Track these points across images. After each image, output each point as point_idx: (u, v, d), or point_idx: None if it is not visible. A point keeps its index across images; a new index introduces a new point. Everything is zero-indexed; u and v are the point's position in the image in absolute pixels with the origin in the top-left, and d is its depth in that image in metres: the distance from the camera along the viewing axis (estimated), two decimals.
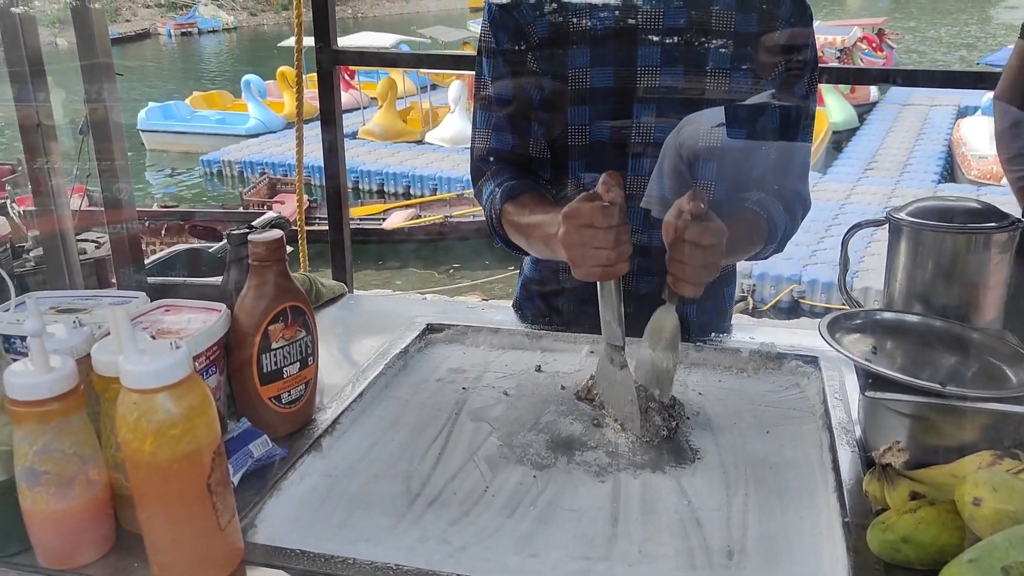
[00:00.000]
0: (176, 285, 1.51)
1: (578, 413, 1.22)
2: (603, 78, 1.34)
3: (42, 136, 1.52)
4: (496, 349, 1.44)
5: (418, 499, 1.03)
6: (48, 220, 1.26)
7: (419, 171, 13.61)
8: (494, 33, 1.39)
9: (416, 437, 1.17)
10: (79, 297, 1.14)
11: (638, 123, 1.35)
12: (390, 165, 13.90)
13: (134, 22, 36.73)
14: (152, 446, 0.79)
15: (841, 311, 1.19)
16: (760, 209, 1.34)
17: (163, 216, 10.25)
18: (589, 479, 1.07)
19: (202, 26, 36.05)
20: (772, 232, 1.34)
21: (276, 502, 1.02)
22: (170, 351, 0.80)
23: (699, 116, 1.34)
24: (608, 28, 1.33)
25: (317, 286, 1.61)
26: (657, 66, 1.33)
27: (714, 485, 1.05)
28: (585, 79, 1.34)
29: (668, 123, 1.34)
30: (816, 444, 1.14)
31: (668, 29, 1.32)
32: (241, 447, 1.02)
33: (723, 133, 1.34)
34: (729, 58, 1.32)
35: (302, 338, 1.13)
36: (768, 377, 1.33)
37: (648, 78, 1.33)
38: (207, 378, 1.04)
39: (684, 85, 1.33)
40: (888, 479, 0.92)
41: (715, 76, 1.33)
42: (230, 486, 0.87)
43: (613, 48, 1.33)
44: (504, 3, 1.37)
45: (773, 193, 1.37)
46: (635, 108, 1.35)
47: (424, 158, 14.32)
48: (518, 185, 1.38)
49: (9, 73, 1.21)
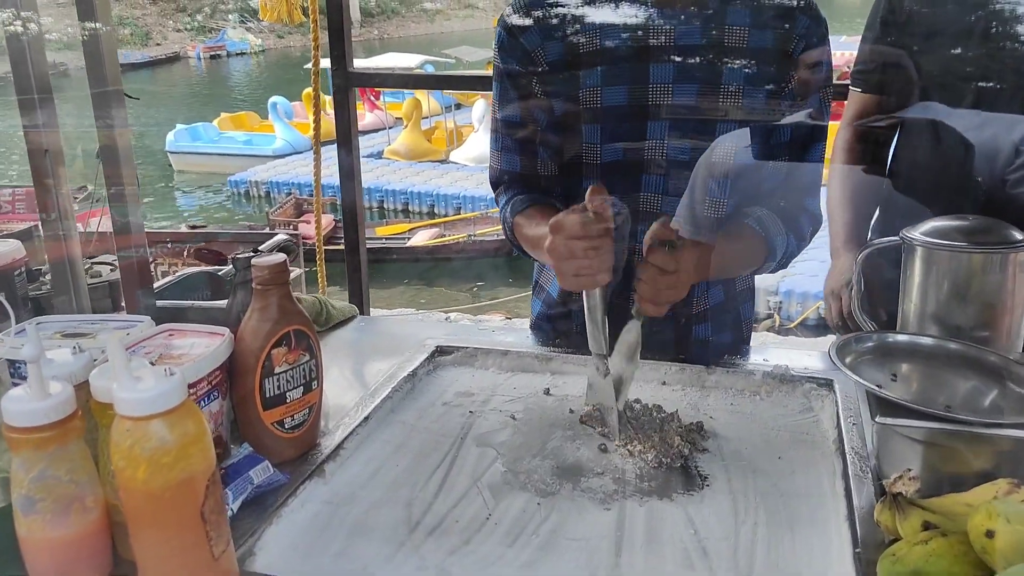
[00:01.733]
0: (185, 308, 1.51)
1: (585, 438, 1.21)
2: (615, 97, 1.34)
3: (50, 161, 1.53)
4: (505, 372, 1.43)
5: (419, 527, 1.02)
6: (56, 245, 1.27)
7: (443, 190, 13.67)
8: (502, 57, 1.41)
9: (420, 462, 1.16)
10: (85, 321, 1.15)
11: (651, 141, 1.35)
12: (415, 184, 13.98)
13: (164, 46, 37.38)
14: (145, 473, 0.78)
15: (869, 333, 1.17)
16: (759, 227, 1.34)
17: (187, 238, 10.35)
18: (594, 506, 1.05)
19: (231, 49, 36.57)
20: (771, 251, 1.35)
21: (275, 529, 1.01)
22: (164, 378, 0.80)
23: (710, 133, 1.34)
24: (620, 47, 1.34)
25: (328, 308, 1.60)
26: (670, 83, 1.32)
27: (722, 513, 1.03)
28: (597, 98, 1.34)
29: (682, 141, 1.34)
30: (829, 471, 1.11)
31: (681, 47, 1.32)
32: (241, 473, 1.01)
33: (732, 149, 1.33)
34: (743, 75, 1.32)
35: (306, 362, 1.12)
36: (781, 400, 1.30)
37: (661, 96, 1.33)
38: (209, 403, 1.04)
39: (697, 103, 1.32)
40: (899, 508, 0.89)
41: (728, 93, 1.32)
42: (225, 514, 0.87)
43: (625, 67, 1.33)
44: (511, 28, 1.38)
45: (777, 209, 1.36)
46: (648, 126, 1.35)
47: (448, 177, 14.38)
48: (526, 199, 1.43)
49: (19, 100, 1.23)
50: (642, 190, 1.38)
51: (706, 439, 1.19)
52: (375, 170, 14.95)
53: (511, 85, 1.41)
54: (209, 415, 1.04)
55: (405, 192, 13.80)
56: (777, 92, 1.34)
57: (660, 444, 1.16)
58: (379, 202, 13.90)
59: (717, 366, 1.37)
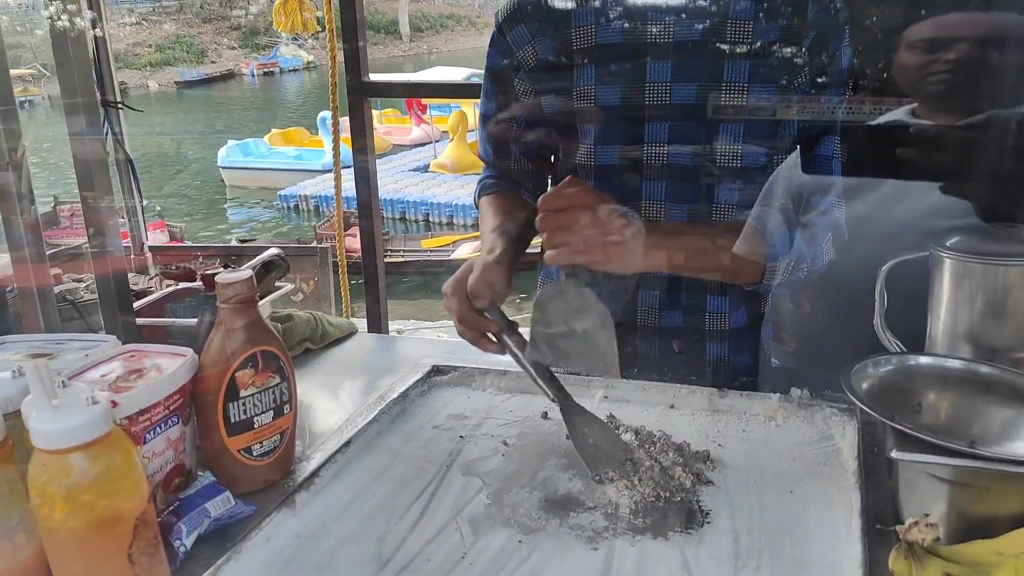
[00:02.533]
0: (166, 327, 1.46)
1: (580, 467, 1.11)
2: (610, 96, 1.27)
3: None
4: (503, 393, 1.34)
5: (388, 565, 0.93)
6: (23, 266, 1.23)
7: None
8: (490, 54, 1.38)
9: (400, 492, 1.07)
10: (51, 341, 1.10)
11: (650, 145, 1.27)
12: (460, 197, 13.98)
13: (219, 63, 38.22)
14: (63, 512, 0.72)
15: (881, 355, 1.05)
16: (756, 221, 1.23)
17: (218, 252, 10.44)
18: (580, 545, 0.95)
19: (283, 65, 37.25)
20: (771, 246, 1.21)
21: (234, 566, 0.93)
22: (85, 407, 0.73)
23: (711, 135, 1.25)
24: (614, 44, 1.26)
25: (324, 325, 1.54)
26: (667, 82, 1.23)
27: (721, 555, 0.93)
28: (590, 97, 1.27)
29: (681, 144, 1.25)
30: (845, 507, 1.00)
31: (679, 43, 1.23)
32: (197, 506, 0.94)
33: (736, 149, 1.23)
34: (747, 71, 1.21)
35: (275, 385, 1.05)
36: (798, 427, 1.19)
37: (658, 95, 1.24)
38: (167, 429, 0.97)
39: (696, 102, 1.23)
40: (916, 558, 0.78)
41: (731, 91, 1.22)
42: (160, 554, 0.80)
43: (620, 64, 1.26)
44: (501, 26, 1.33)
45: (781, 210, 1.25)
46: (646, 128, 1.26)
47: None
48: (494, 184, 1.49)
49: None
50: (643, 197, 1.29)
51: (712, 470, 1.09)
52: (421, 183, 15.02)
53: (493, 80, 1.41)
54: (167, 441, 0.98)
55: (450, 205, 13.82)
56: (787, 88, 1.23)
57: (660, 476, 1.06)
58: (424, 215, 13.95)
59: (730, 388, 1.27)
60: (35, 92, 14.20)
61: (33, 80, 15.14)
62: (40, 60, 13.59)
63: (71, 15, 1.19)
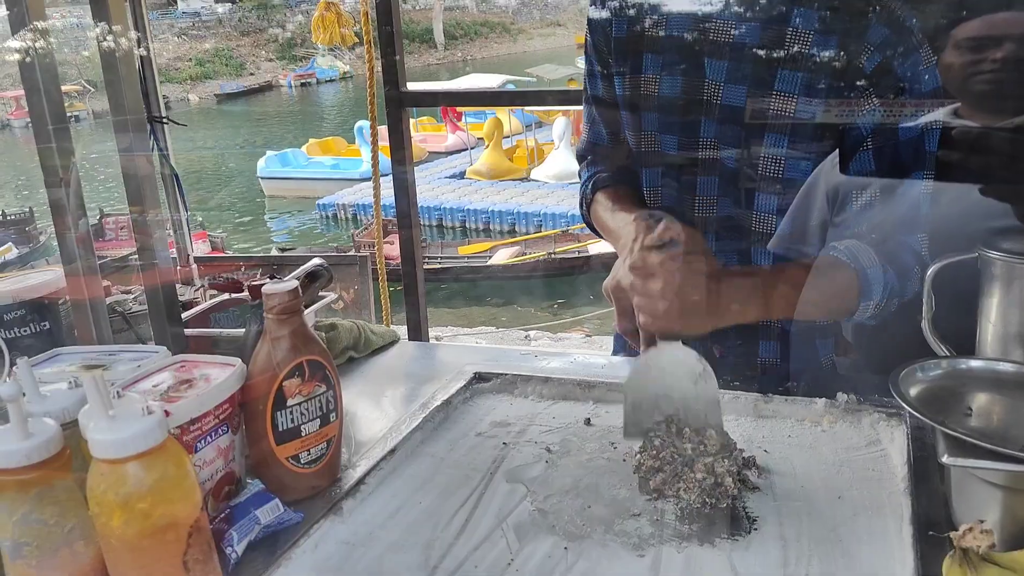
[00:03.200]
0: (212, 337, 1.49)
1: (624, 474, 1.11)
2: (671, 88, 1.28)
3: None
4: (546, 400, 1.34)
5: (436, 572, 0.94)
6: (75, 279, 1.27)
7: (524, 208, 13.68)
8: (589, 29, 1.38)
9: (445, 500, 1.08)
10: (103, 352, 1.12)
11: (705, 139, 1.27)
12: (496, 203, 14.03)
13: (257, 75, 38.79)
14: (120, 520, 0.73)
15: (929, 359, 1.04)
16: (847, 257, 1.14)
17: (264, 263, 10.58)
18: (626, 553, 0.95)
19: (320, 76, 37.72)
20: (866, 285, 1.13)
21: (284, 572, 0.94)
22: (141, 417, 0.75)
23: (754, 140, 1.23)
24: (680, 37, 1.27)
25: (367, 334, 1.55)
26: (721, 81, 1.23)
27: (770, 562, 0.92)
28: (653, 85, 1.30)
29: (727, 144, 1.25)
30: (896, 514, 0.98)
31: (736, 45, 1.22)
32: (248, 513, 0.96)
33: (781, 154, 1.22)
34: (798, 83, 1.18)
35: (322, 393, 1.07)
36: (845, 433, 1.18)
37: (712, 93, 1.24)
38: (217, 438, 0.99)
39: (744, 105, 1.22)
40: (971, 565, 0.77)
41: (778, 101, 1.20)
42: (214, 560, 0.81)
43: (682, 58, 1.26)
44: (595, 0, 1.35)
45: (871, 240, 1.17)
46: (702, 123, 1.26)
47: (529, 195, 14.39)
48: (607, 178, 1.44)
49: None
50: (697, 194, 1.30)
51: (759, 476, 1.08)
52: (457, 190, 15.10)
53: (595, 58, 1.39)
54: (217, 450, 0.99)
55: (487, 211, 13.87)
56: (837, 109, 1.19)
57: (707, 483, 1.04)
58: (461, 222, 14.01)
59: (776, 393, 1.25)
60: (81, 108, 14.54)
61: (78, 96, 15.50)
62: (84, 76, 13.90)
63: (118, 34, 1.23)
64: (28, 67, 1.23)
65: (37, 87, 1.27)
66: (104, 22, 1.17)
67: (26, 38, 1.21)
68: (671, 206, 1.33)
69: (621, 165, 1.43)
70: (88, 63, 9.42)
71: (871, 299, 1.14)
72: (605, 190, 1.42)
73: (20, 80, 1.28)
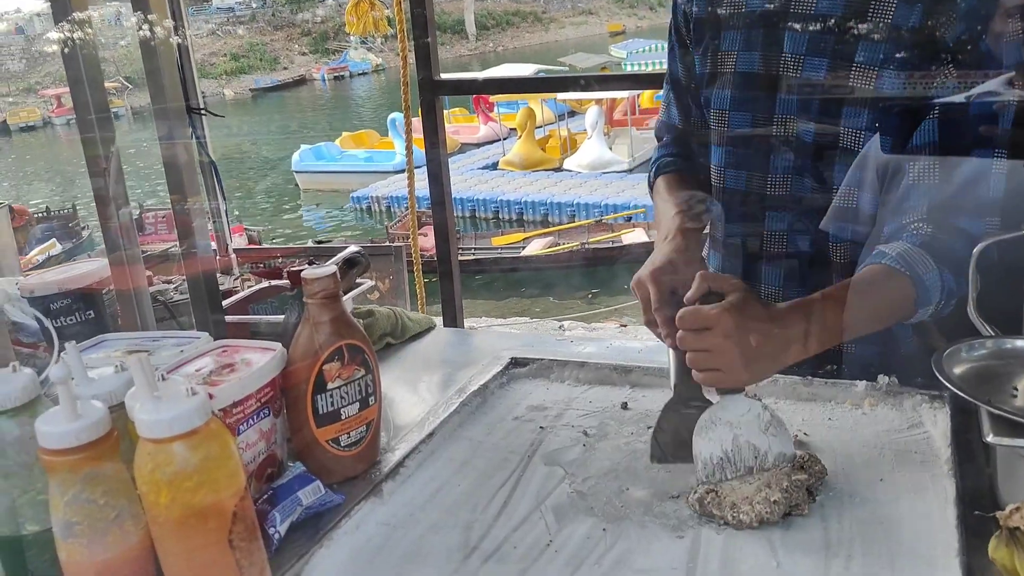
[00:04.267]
0: (251, 325, 1.51)
1: None
2: (748, 63, 1.28)
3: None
4: (582, 384, 1.34)
5: (475, 552, 0.95)
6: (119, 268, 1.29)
7: (557, 198, 13.65)
8: (673, 11, 1.40)
9: (483, 482, 1.09)
10: (147, 338, 1.14)
11: (780, 116, 1.25)
12: (529, 194, 14.02)
13: (291, 69, 39.13)
14: (167, 498, 0.75)
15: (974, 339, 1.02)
16: (900, 264, 1.09)
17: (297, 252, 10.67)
18: (665, 534, 0.95)
19: (353, 69, 37.92)
20: (922, 293, 1.07)
21: (326, 553, 0.96)
22: (185, 398, 0.76)
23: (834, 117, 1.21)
24: (757, 11, 1.26)
25: (403, 320, 1.56)
26: (802, 55, 1.21)
27: (811, 545, 0.91)
28: (730, 62, 1.30)
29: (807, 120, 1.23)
30: (940, 496, 0.97)
31: (817, 16, 1.19)
32: (291, 494, 0.97)
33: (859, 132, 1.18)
34: (880, 55, 1.15)
35: (361, 377, 1.08)
36: (887, 415, 1.16)
37: (791, 68, 1.22)
38: (259, 421, 1.01)
39: (824, 80, 1.19)
40: (1018, 544, 0.76)
41: (859, 74, 1.16)
42: (259, 540, 0.82)
43: (760, 33, 1.25)
44: None
45: (922, 238, 1.12)
46: (778, 99, 1.25)
47: (562, 185, 14.35)
48: (671, 163, 1.45)
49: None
50: (770, 171, 1.27)
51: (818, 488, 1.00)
52: (490, 181, 15.09)
53: (675, 38, 1.40)
54: (260, 433, 1.01)
55: (520, 202, 13.86)
56: (919, 81, 1.15)
57: (759, 497, 0.96)
58: (494, 212, 14.02)
59: (815, 376, 1.24)
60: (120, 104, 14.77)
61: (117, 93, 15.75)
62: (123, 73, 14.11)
63: (157, 23, 1.24)
64: (71, 57, 1.26)
65: (80, 77, 1.29)
66: (143, 11, 1.19)
67: (68, 29, 1.23)
68: (744, 185, 1.32)
69: (684, 149, 1.46)
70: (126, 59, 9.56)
71: (929, 304, 1.09)
72: (665, 175, 1.44)
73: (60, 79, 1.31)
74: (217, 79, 35.64)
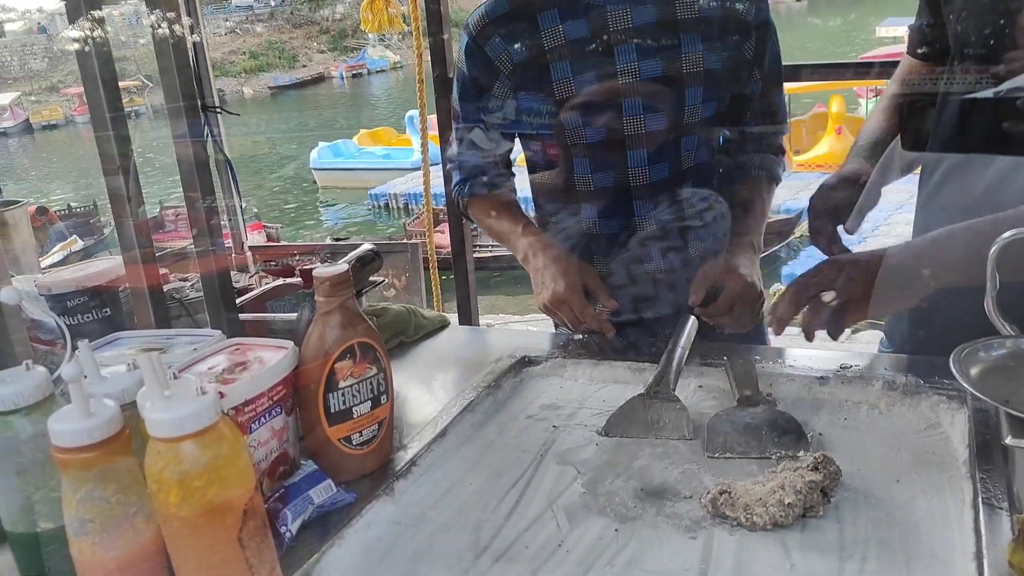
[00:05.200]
0: (266, 322, 1.51)
1: (676, 456, 1.10)
2: (587, 83, 1.45)
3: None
4: (595, 383, 1.34)
5: (485, 552, 0.94)
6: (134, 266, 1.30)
7: None
8: (467, 63, 1.53)
9: (495, 481, 1.08)
10: (161, 336, 1.15)
11: (629, 117, 1.45)
12: None
13: (310, 67, 39.28)
14: (177, 497, 0.75)
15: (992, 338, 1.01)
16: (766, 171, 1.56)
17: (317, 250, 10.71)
18: (677, 535, 0.94)
19: (371, 66, 38.01)
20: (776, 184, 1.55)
21: (337, 552, 0.96)
22: (195, 397, 0.76)
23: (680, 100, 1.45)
24: (582, 38, 1.43)
25: (417, 318, 1.56)
26: (635, 61, 1.42)
27: (826, 546, 0.90)
28: (570, 87, 1.45)
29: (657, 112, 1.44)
30: (956, 498, 0.96)
31: (640, 27, 1.42)
32: (301, 493, 0.97)
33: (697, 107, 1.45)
34: (700, 41, 1.42)
35: (372, 375, 1.08)
36: (903, 415, 1.15)
37: (629, 74, 1.43)
38: (271, 419, 1.01)
39: (664, 72, 1.42)
40: None
41: (690, 59, 1.43)
42: (269, 539, 0.83)
43: (591, 54, 1.43)
44: (475, 37, 1.50)
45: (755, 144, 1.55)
46: (624, 103, 1.44)
47: None
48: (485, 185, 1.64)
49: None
50: (630, 164, 1.48)
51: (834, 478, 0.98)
52: None
53: (472, 87, 1.54)
54: (271, 431, 1.01)
55: None
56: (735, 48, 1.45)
57: (773, 499, 0.94)
58: None
59: (832, 375, 1.23)
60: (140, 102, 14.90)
61: (137, 91, 15.85)
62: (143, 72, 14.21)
63: (170, 22, 1.25)
64: (84, 56, 1.26)
65: (94, 75, 1.30)
66: (158, 9, 1.19)
67: (82, 28, 1.24)
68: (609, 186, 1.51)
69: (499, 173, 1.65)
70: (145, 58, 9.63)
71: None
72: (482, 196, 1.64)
73: None
74: (236, 77, 35.82)
